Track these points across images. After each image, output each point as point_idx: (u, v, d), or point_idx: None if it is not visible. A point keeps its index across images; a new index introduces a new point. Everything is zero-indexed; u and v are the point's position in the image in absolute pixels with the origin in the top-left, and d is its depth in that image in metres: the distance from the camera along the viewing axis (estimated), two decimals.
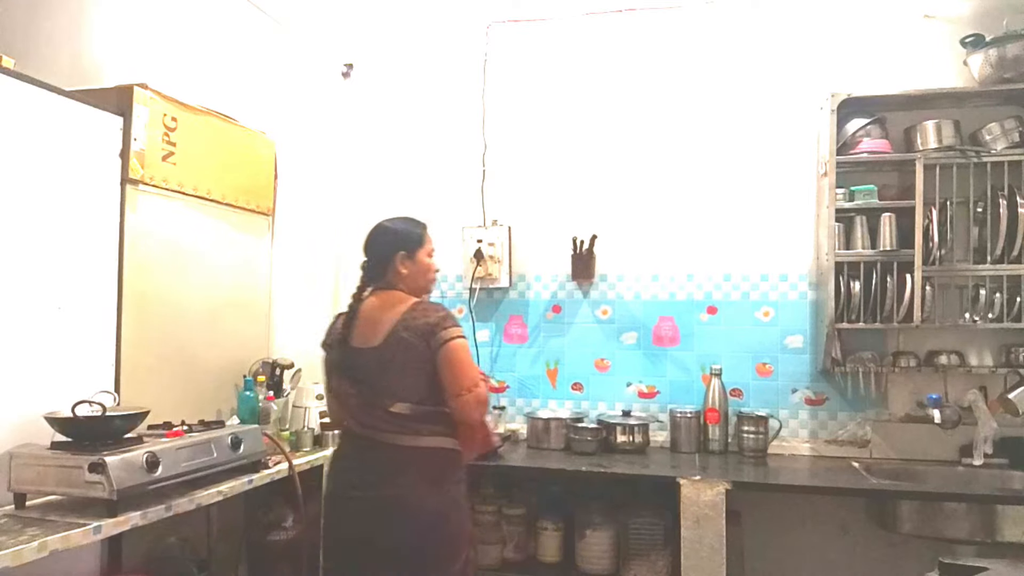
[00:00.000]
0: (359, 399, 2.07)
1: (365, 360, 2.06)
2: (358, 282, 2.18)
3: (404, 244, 2.17)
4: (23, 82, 2.14)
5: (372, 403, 2.05)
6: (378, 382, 2.04)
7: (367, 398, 2.05)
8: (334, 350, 2.15)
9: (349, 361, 2.09)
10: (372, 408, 2.05)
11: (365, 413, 2.06)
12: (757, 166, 3.02)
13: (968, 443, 2.71)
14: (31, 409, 2.09)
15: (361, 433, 2.07)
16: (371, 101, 3.46)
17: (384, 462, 2.03)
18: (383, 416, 2.03)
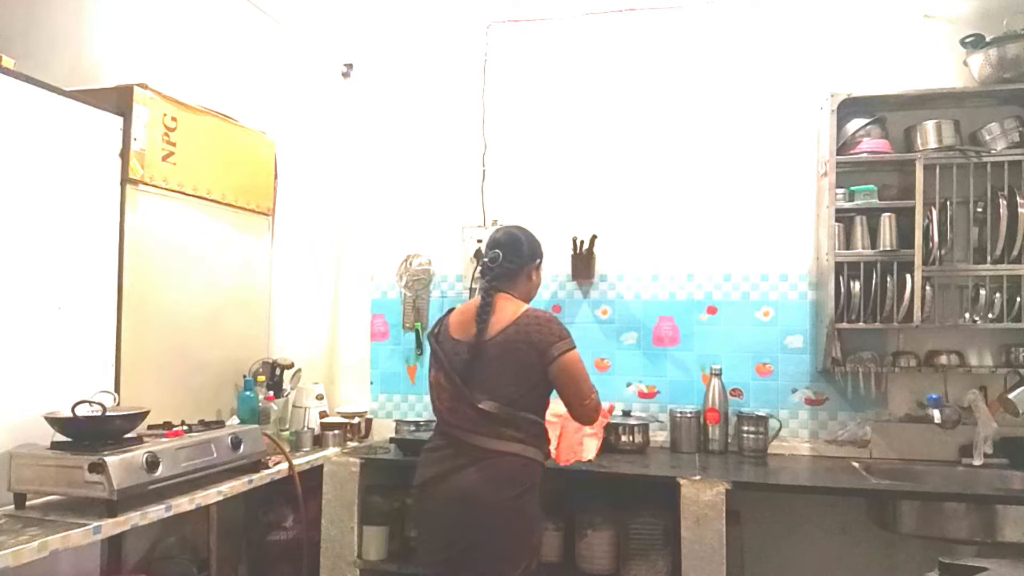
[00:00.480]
0: (450, 392, 2.12)
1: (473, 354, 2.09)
2: (486, 279, 2.19)
3: (539, 254, 2.29)
4: (23, 82, 2.15)
5: (461, 397, 2.09)
6: (480, 376, 2.08)
7: (458, 393, 2.10)
8: (443, 343, 2.18)
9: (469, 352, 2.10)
10: (459, 403, 2.10)
11: (452, 408, 2.13)
12: (757, 166, 3.02)
13: (968, 443, 2.70)
14: (31, 409, 2.10)
15: (446, 430, 2.16)
16: (371, 101, 3.46)
17: (463, 460, 2.08)
18: (468, 412, 2.08)
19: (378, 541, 2.78)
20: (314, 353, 3.37)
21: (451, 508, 2.08)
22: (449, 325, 2.20)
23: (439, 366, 2.17)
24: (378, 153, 3.44)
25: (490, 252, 2.20)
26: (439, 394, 2.17)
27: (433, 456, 2.17)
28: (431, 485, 2.14)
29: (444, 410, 2.16)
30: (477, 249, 3.19)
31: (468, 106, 3.32)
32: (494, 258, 2.18)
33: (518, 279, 2.22)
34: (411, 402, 3.36)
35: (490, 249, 2.21)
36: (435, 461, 2.15)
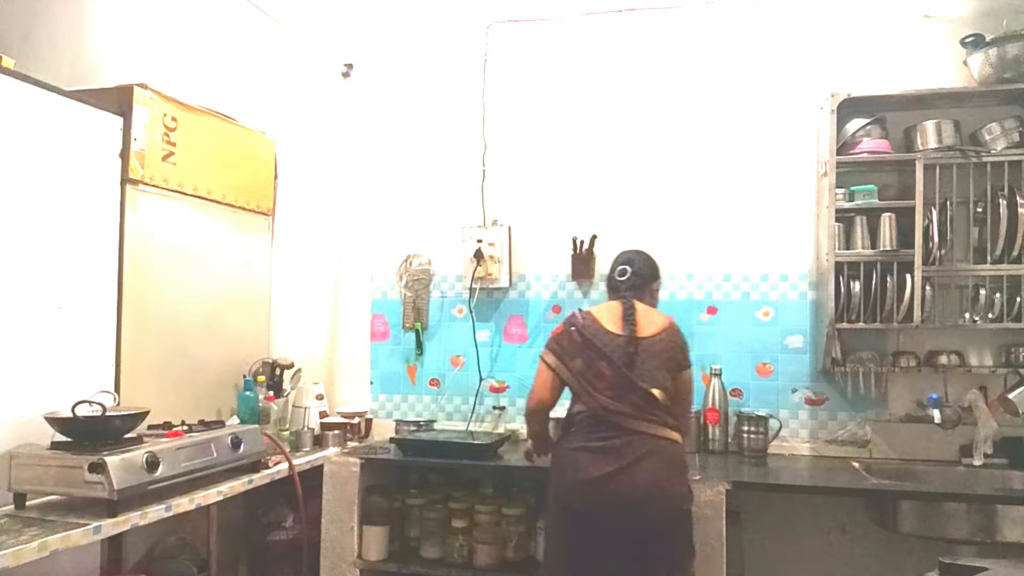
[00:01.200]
0: (614, 380, 2.18)
1: (635, 347, 2.20)
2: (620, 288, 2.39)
3: (659, 276, 2.51)
4: (23, 82, 2.15)
5: (629, 385, 2.18)
6: (642, 367, 2.19)
7: (624, 380, 2.18)
8: (597, 335, 2.23)
9: (624, 347, 2.21)
10: (627, 391, 2.18)
11: (617, 395, 2.18)
12: (757, 166, 3.02)
13: (968, 443, 2.70)
14: (31, 409, 2.10)
15: (605, 417, 2.17)
16: (371, 101, 3.46)
17: (633, 448, 2.13)
18: (635, 400, 2.17)
19: (378, 541, 2.78)
20: (314, 353, 3.37)
21: (636, 502, 2.10)
22: (599, 320, 2.26)
23: (598, 356, 2.21)
24: (378, 153, 3.44)
25: (619, 268, 2.43)
26: (597, 383, 2.20)
27: (603, 447, 2.15)
28: (609, 480, 2.10)
29: (607, 398, 2.18)
30: (477, 249, 3.19)
31: (468, 106, 3.32)
32: (623, 272, 2.40)
33: (644, 293, 2.40)
34: (411, 402, 3.36)
35: (618, 266, 2.43)
36: (608, 453, 2.13)
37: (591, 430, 2.19)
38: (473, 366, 3.26)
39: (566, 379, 2.25)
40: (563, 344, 2.27)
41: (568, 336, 2.26)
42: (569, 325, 2.29)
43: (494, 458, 2.79)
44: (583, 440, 2.19)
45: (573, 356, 2.24)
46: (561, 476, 2.22)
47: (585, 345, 2.23)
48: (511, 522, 2.76)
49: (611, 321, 2.27)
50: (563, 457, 2.24)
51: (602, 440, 2.16)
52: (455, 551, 2.75)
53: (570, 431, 2.26)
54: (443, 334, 3.34)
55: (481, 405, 3.26)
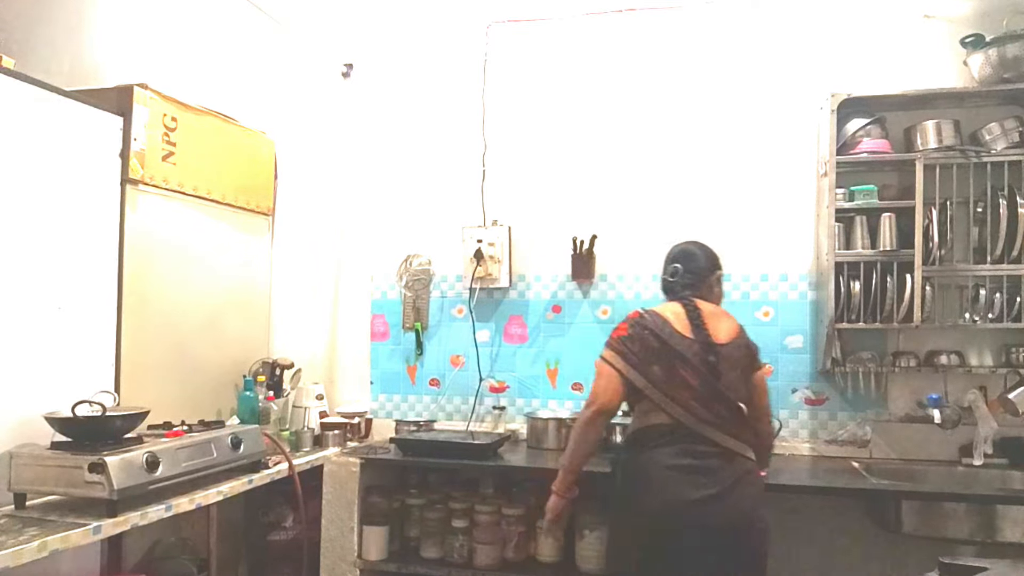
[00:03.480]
0: (701, 391, 2.05)
1: (715, 355, 2.07)
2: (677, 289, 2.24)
3: (718, 266, 2.33)
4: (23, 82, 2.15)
5: (716, 396, 2.05)
6: (726, 376, 2.07)
7: (711, 391, 2.05)
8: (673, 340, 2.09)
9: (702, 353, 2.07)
10: (714, 402, 2.05)
11: (704, 406, 2.04)
12: (757, 166, 3.02)
13: (968, 443, 2.70)
14: (31, 409, 2.10)
15: (694, 428, 2.03)
16: (371, 101, 3.46)
17: (728, 471, 2.02)
18: (723, 412, 2.05)
19: (378, 541, 2.78)
20: (314, 353, 3.37)
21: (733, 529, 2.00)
22: (670, 323, 2.12)
23: (681, 363, 2.06)
24: (378, 153, 3.44)
25: (670, 267, 2.29)
26: (680, 393, 2.04)
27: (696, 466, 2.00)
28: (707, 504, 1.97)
29: (694, 410, 2.04)
30: (477, 249, 3.19)
31: (468, 106, 3.32)
32: (674, 272, 2.27)
33: (702, 289, 2.25)
34: (411, 402, 3.36)
35: (669, 264, 2.30)
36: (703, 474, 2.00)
37: (677, 447, 2.03)
38: (473, 366, 3.25)
39: (640, 387, 2.06)
40: (633, 348, 2.08)
41: (641, 340, 2.09)
42: (640, 328, 2.11)
43: (494, 458, 2.79)
44: (671, 457, 2.02)
45: (649, 362, 2.06)
46: (649, 496, 2.02)
47: (664, 350, 2.07)
48: (511, 522, 2.76)
49: (681, 325, 2.11)
50: (647, 474, 2.04)
51: (693, 458, 2.01)
52: (455, 551, 2.75)
53: (647, 446, 2.06)
54: (443, 334, 3.34)
55: (481, 405, 3.26)
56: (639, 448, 2.10)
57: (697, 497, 1.97)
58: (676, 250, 2.34)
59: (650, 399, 2.07)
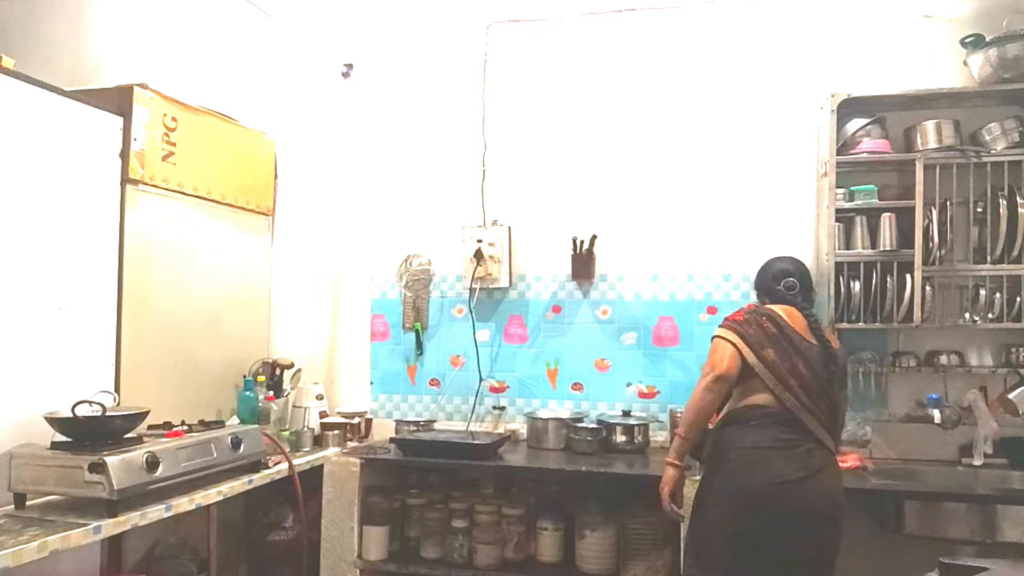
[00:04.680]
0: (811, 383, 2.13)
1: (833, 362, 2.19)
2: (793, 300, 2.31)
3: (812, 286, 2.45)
4: (23, 82, 2.15)
5: (823, 393, 2.15)
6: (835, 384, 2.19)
7: (820, 386, 2.15)
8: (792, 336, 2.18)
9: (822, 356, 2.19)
10: (820, 397, 2.14)
11: (810, 397, 2.13)
12: (757, 166, 3.02)
13: (968, 443, 2.70)
14: (31, 409, 2.10)
15: (799, 416, 2.11)
16: (371, 101, 3.46)
17: (818, 457, 2.12)
18: (824, 409, 2.14)
19: (378, 541, 2.78)
20: (314, 353, 3.37)
21: (822, 509, 2.10)
22: (787, 319, 2.21)
23: (796, 353, 2.15)
24: (378, 153, 3.44)
25: (785, 281, 2.35)
26: (790, 380, 2.12)
27: (792, 450, 2.09)
28: (800, 484, 2.06)
29: (798, 395, 2.12)
30: (477, 249, 3.19)
31: (468, 106, 3.32)
32: (792, 286, 2.33)
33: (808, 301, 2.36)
34: (411, 402, 3.36)
35: (783, 279, 2.36)
36: (796, 457, 2.09)
37: (777, 428, 2.11)
38: (473, 366, 3.25)
39: (752, 363, 2.13)
40: (748, 331, 2.16)
41: (758, 324, 2.18)
42: (758, 315, 2.21)
43: (494, 458, 2.79)
44: (769, 437, 2.10)
45: (763, 345, 2.14)
46: (747, 474, 2.09)
47: (781, 337, 2.16)
48: (511, 522, 2.76)
49: (799, 326, 2.21)
50: (746, 453, 2.11)
51: (789, 442, 2.09)
52: (455, 551, 2.75)
53: (748, 425, 2.14)
54: (443, 334, 3.34)
55: (481, 405, 3.25)
56: (739, 425, 2.16)
57: (792, 477, 2.05)
58: (786, 265, 2.42)
59: (759, 378, 2.14)
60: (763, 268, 2.47)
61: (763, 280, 2.43)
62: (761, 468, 2.08)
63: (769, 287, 2.39)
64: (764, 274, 2.44)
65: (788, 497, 2.06)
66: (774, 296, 2.36)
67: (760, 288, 2.45)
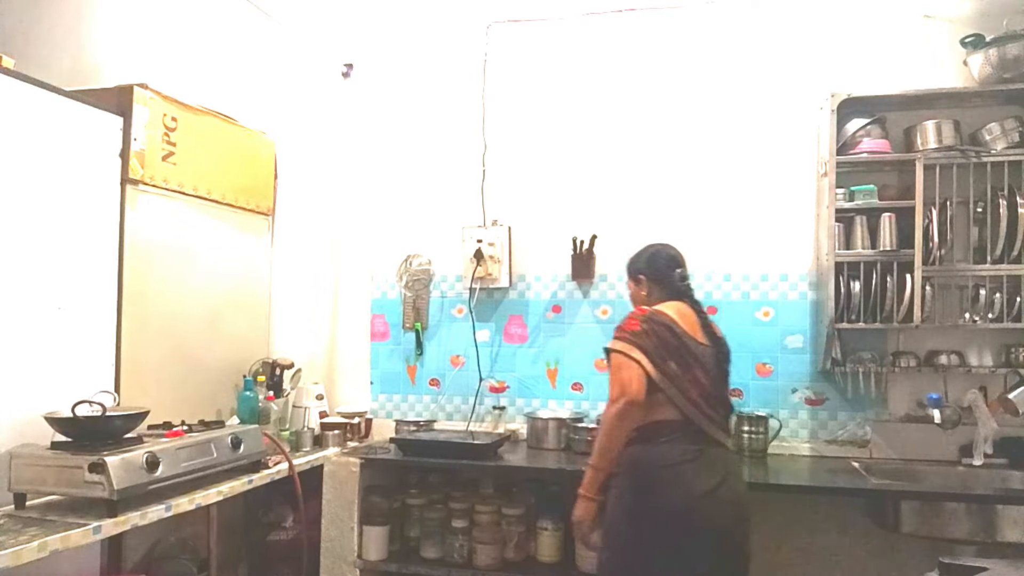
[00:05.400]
0: (709, 390, 2.12)
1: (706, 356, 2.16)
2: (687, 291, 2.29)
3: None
4: (23, 82, 2.15)
5: (719, 397, 2.16)
6: (727, 380, 2.23)
7: (717, 391, 2.15)
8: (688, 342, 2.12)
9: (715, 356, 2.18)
10: (716, 401, 2.14)
11: (710, 404, 2.12)
12: (757, 166, 3.02)
13: (968, 443, 2.70)
14: (31, 409, 2.10)
15: (702, 426, 2.09)
16: (371, 101, 3.46)
17: (726, 460, 2.15)
18: (722, 411, 2.16)
19: (378, 541, 2.78)
20: (314, 353, 3.37)
21: (737, 517, 2.12)
22: (680, 324, 2.14)
23: (694, 362, 2.10)
24: (378, 153, 3.44)
25: (677, 271, 2.31)
26: (691, 391, 2.08)
27: (700, 459, 2.06)
28: (715, 494, 2.04)
29: (701, 406, 2.09)
30: (477, 249, 3.19)
31: (468, 106, 3.32)
32: (684, 277, 2.31)
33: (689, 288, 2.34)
34: (411, 402, 3.36)
35: (676, 268, 2.31)
36: (705, 466, 2.06)
37: (684, 442, 2.06)
38: (473, 366, 3.25)
39: (657, 381, 2.05)
40: (650, 343, 2.07)
41: (657, 336, 2.08)
42: (655, 324, 2.11)
43: (494, 458, 2.79)
44: (679, 454, 2.05)
45: (665, 358, 2.07)
46: (666, 490, 2.03)
47: (680, 348, 2.09)
48: (511, 522, 2.76)
49: (689, 326, 2.15)
50: (660, 472, 2.05)
51: (697, 454, 2.06)
52: (455, 551, 2.75)
53: (657, 441, 2.07)
54: (443, 334, 3.34)
55: (481, 405, 3.26)
56: (649, 443, 2.09)
57: (707, 488, 2.03)
58: (671, 252, 2.36)
59: (663, 392, 2.07)
60: (653, 254, 2.36)
61: (657, 267, 2.32)
62: (676, 485, 2.03)
63: (665, 275, 2.30)
64: (656, 260, 2.34)
65: (705, 509, 2.03)
66: (670, 285, 2.29)
67: (653, 276, 2.32)
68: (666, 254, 2.34)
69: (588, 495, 2.14)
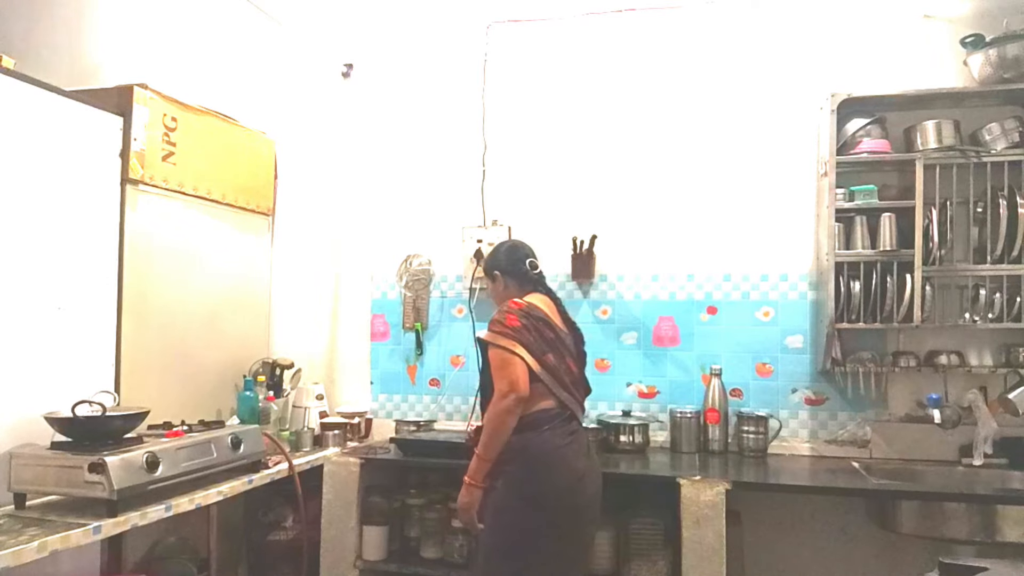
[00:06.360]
0: (577, 377, 2.33)
1: (571, 343, 2.35)
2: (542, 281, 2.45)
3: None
4: (23, 82, 2.15)
5: (582, 382, 2.37)
6: (580, 363, 2.37)
7: (581, 377, 2.36)
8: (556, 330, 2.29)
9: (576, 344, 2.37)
10: (580, 386, 2.34)
11: (577, 389, 2.32)
12: (757, 166, 3.02)
13: (968, 443, 2.70)
14: (31, 409, 2.10)
15: (574, 411, 2.28)
16: (371, 101, 3.46)
17: (585, 439, 2.31)
18: (580, 396, 2.33)
19: (378, 541, 2.78)
20: (314, 353, 3.37)
21: (597, 491, 2.27)
22: (551, 316, 2.30)
23: (567, 352, 2.30)
24: (378, 153, 3.44)
25: (528, 260, 2.44)
26: (565, 379, 2.26)
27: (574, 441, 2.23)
28: (589, 473, 2.23)
29: (573, 394, 2.28)
30: (477, 249, 3.19)
31: (468, 106, 3.32)
32: (535, 265, 2.44)
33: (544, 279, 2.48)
34: (411, 402, 3.36)
35: (527, 258, 2.44)
36: (578, 447, 2.24)
37: (563, 427, 2.22)
38: (473, 366, 3.24)
39: (539, 373, 2.19)
40: (530, 338, 2.20)
41: (536, 331, 2.22)
42: (533, 319, 2.23)
43: None
44: (560, 437, 2.20)
45: (544, 351, 2.22)
46: (554, 473, 2.16)
47: (555, 341, 2.26)
48: None
49: (555, 317, 2.33)
50: (548, 455, 2.17)
51: (574, 435, 2.24)
52: (455, 551, 2.75)
53: (542, 429, 2.19)
54: (443, 334, 3.34)
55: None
56: (535, 431, 2.19)
57: (585, 467, 2.22)
58: (524, 246, 2.51)
59: (543, 383, 2.21)
60: (506, 251, 2.48)
61: (511, 262, 2.43)
62: (562, 467, 2.18)
63: (518, 268, 2.41)
64: (510, 256, 2.45)
65: (585, 488, 2.21)
66: (524, 277, 2.41)
67: (509, 271, 2.42)
68: (516, 248, 2.49)
69: (474, 483, 2.22)
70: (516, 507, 2.16)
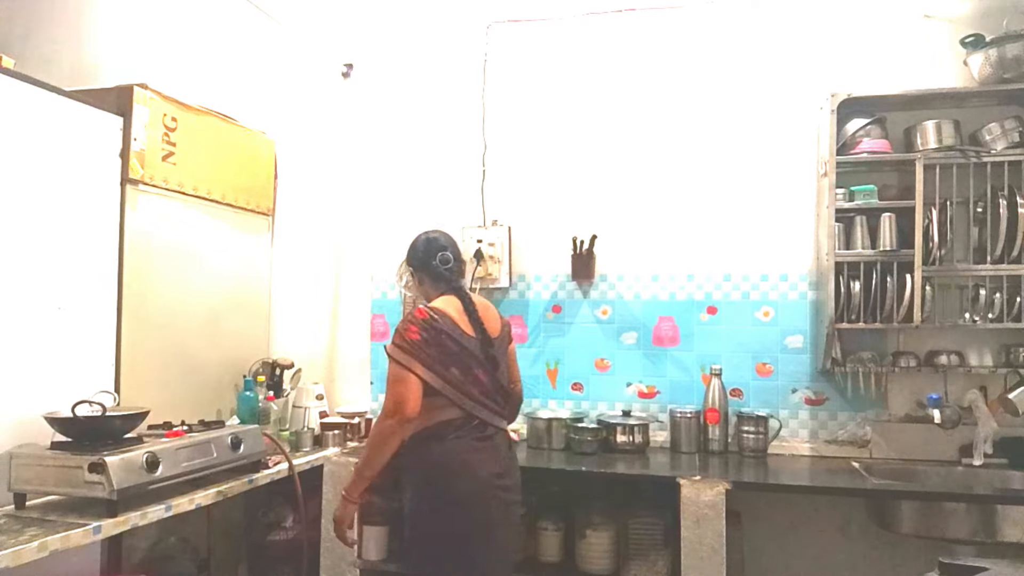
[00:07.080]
0: (489, 385, 2.19)
1: (493, 349, 2.22)
2: (452, 279, 2.28)
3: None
4: (23, 82, 2.15)
5: (497, 387, 2.22)
6: (500, 365, 2.24)
7: (493, 383, 2.20)
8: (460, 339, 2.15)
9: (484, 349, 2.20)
10: (494, 392, 2.21)
11: (490, 398, 2.19)
12: (757, 166, 3.02)
13: (968, 443, 2.70)
14: (31, 409, 2.10)
15: (484, 419, 2.17)
16: (371, 101, 3.46)
17: (505, 447, 2.25)
18: (499, 398, 2.22)
19: (378, 541, 2.78)
20: (314, 353, 3.37)
21: (515, 494, 2.23)
22: (455, 321, 2.16)
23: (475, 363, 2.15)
24: (378, 153, 3.44)
25: (440, 255, 2.28)
26: (473, 390, 2.14)
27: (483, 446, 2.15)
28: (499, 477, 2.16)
29: (482, 403, 2.16)
30: (478, 249, 3.19)
31: (468, 106, 3.32)
32: (446, 260, 2.28)
33: (463, 276, 2.40)
34: None
35: (438, 252, 2.28)
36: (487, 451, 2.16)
37: (470, 436, 2.14)
38: None
39: (438, 387, 2.09)
40: (430, 352, 2.08)
41: (438, 344, 2.10)
42: (435, 332, 2.11)
43: None
44: (466, 445, 2.12)
45: (447, 365, 2.10)
46: (457, 480, 2.10)
47: (461, 353, 2.13)
48: None
49: (463, 322, 2.18)
50: (449, 462, 2.11)
51: (482, 441, 2.15)
52: None
53: (445, 438, 2.12)
54: None
55: None
56: (436, 440, 2.13)
57: (489, 472, 2.13)
58: (438, 237, 2.33)
59: (445, 396, 2.12)
60: (416, 245, 2.35)
61: (425, 257, 2.29)
62: (463, 473, 2.10)
63: (426, 264, 2.29)
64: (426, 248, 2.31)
65: (496, 494, 2.13)
66: (432, 272, 2.28)
67: (420, 267, 2.32)
68: (431, 241, 2.32)
69: (350, 499, 2.17)
70: (425, 513, 2.14)
